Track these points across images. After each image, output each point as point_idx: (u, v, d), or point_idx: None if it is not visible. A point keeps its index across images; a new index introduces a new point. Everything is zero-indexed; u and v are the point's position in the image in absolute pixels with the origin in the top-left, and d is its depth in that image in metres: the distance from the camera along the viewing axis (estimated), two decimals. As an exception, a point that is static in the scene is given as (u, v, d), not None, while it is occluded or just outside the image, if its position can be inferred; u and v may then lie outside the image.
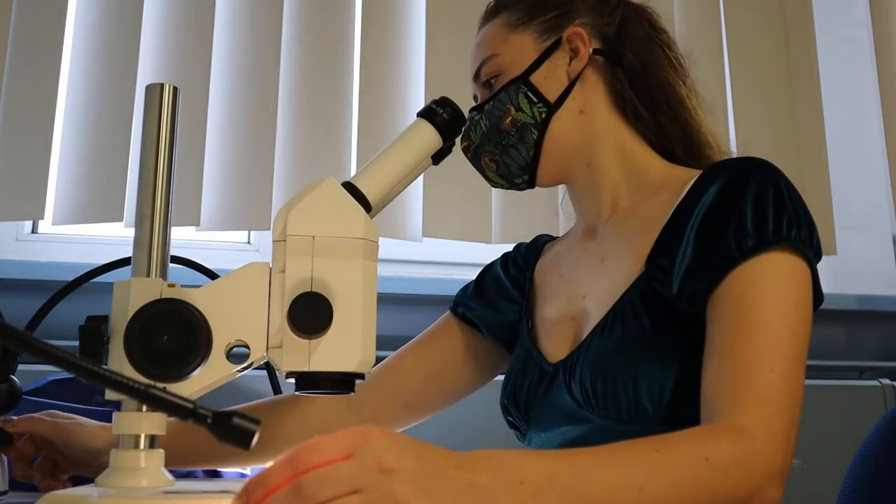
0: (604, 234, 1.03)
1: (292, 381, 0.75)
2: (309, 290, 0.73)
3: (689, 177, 0.95)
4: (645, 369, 0.87)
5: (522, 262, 1.16)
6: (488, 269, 1.19)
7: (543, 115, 1.00)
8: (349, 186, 0.79)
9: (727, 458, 0.73)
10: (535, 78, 1.00)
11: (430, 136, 0.86)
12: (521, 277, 1.14)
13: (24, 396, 1.02)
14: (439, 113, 0.86)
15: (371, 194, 0.80)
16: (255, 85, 1.66)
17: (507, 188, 1.06)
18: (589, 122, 1.02)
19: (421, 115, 0.87)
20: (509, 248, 1.83)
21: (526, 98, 1.00)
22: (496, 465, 0.64)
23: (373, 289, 0.76)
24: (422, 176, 1.12)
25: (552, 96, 1.00)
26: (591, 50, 1.02)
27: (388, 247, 1.67)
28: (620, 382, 0.87)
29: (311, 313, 0.72)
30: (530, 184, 1.04)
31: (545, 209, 1.76)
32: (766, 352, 0.80)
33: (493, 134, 1.01)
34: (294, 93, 1.68)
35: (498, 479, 0.63)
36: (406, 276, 1.82)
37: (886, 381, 1.80)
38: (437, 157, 0.89)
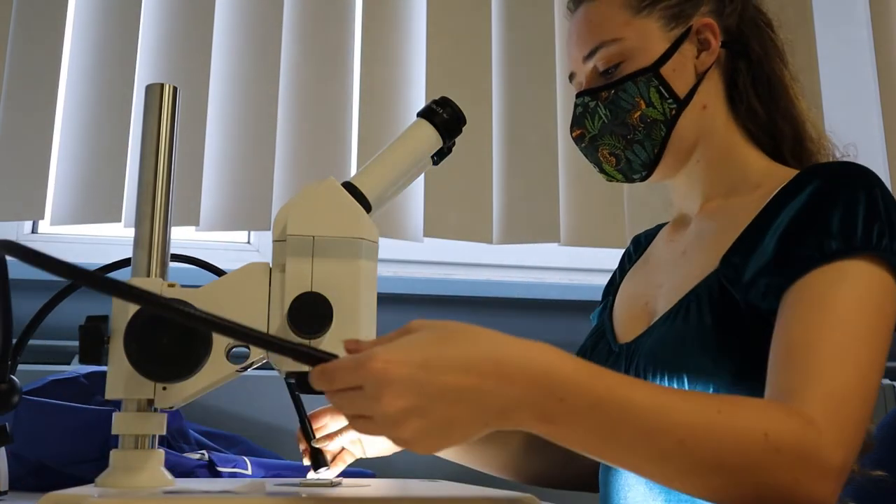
0: (691, 226, 1.02)
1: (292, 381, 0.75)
2: (309, 290, 0.73)
3: (786, 177, 0.91)
4: (695, 367, 0.85)
5: (634, 251, 1.15)
6: (611, 277, 1.17)
7: (673, 112, 0.96)
8: (349, 186, 0.79)
9: (786, 441, 0.69)
10: (665, 70, 0.96)
11: (430, 136, 0.86)
12: (630, 267, 1.13)
13: (23, 396, 1.02)
14: (439, 113, 0.86)
15: (371, 194, 0.80)
16: (255, 85, 1.66)
17: (620, 181, 1.02)
18: (709, 117, 0.98)
19: (421, 115, 0.87)
20: (509, 247, 1.83)
21: (657, 92, 0.95)
22: (541, 373, 0.62)
23: (373, 289, 0.76)
24: (422, 176, 1.12)
25: (682, 91, 0.96)
26: (720, 43, 0.98)
27: (388, 247, 1.67)
28: (667, 377, 0.87)
29: (311, 313, 0.72)
30: (645, 179, 1.00)
31: (545, 209, 1.76)
32: (842, 353, 0.75)
33: (617, 127, 0.97)
34: (294, 93, 1.68)
35: (534, 389, 0.62)
36: (406, 276, 1.82)
37: (886, 381, 1.80)
38: (437, 157, 0.89)
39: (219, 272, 0.84)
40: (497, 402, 0.61)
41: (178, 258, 0.86)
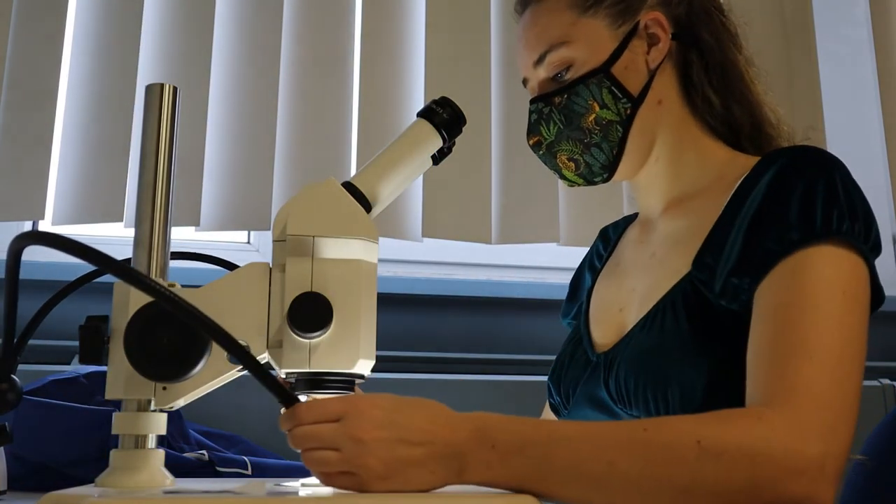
0: (658, 227, 1.00)
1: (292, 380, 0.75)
2: (309, 290, 0.73)
3: (746, 165, 0.90)
4: (677, 374, 0.84)
5: (604, 248, 1.14)
6: (578, 271, 1.17)
7: (628, 112, 0.95)
8: (349, 186, 0.79)
9: (725, 444, 0.69)
10: (616, 70, 0.94)
11: (429, 137, 0.86)
12: (601, 266, 1.12)
13: (24, 396, 1.02)
14: (439, 113, 0.86)
15: (371, 194, 0.80)
16: (255, 85, 1.66)
17: (582, 185, 1.01)
18: (665, 112, 0.97)
19: (421, 115, 0.87)
20: (508, 247, 1.83)
21: (610, 93, 0.94)
22: (474, 427, 0.70)
23: (373, 289, 0.76)
24: (422, 176, 1.12)
25: (635, 89, 0.95)
26: (669, 36, 0.96)
27: (388, 247, 1.67)
28: (651, 385, 0.86)
29: (311, 313, 0.72)
30: (607, 181, 0.99)
31: (544, 209, 1.76)
32: (806, 341, 0.75)
33: (573, 132, 0.96)
34: (294, 93, 1.68)
35: (471, 440, 0.69)
36: (406, 276, 1.82)
37: (886, 381, 1.80)
38: (438, 157, 0.89)
39: (230, 266, 0.84)
40: (445, 449, 0.69)
41: (185, 256, 0.87)
